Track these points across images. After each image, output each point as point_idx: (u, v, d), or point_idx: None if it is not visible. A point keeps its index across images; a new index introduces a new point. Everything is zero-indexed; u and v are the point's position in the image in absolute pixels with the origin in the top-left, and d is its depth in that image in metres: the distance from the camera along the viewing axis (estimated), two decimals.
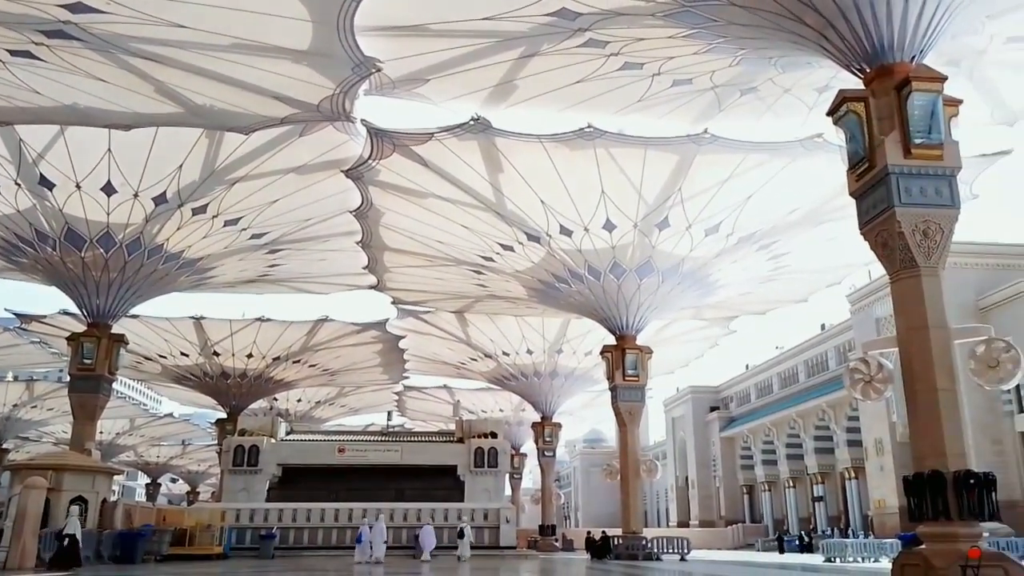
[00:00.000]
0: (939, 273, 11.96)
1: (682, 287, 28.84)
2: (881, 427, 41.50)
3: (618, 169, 22.76)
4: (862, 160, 12.70)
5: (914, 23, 12.69)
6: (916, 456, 11.47)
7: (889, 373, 13.22)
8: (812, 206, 25.01)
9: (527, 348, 41.98)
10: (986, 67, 18.35)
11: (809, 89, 19.26)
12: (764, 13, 14.17)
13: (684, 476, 74.96)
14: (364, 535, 27.22)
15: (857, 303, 45.61)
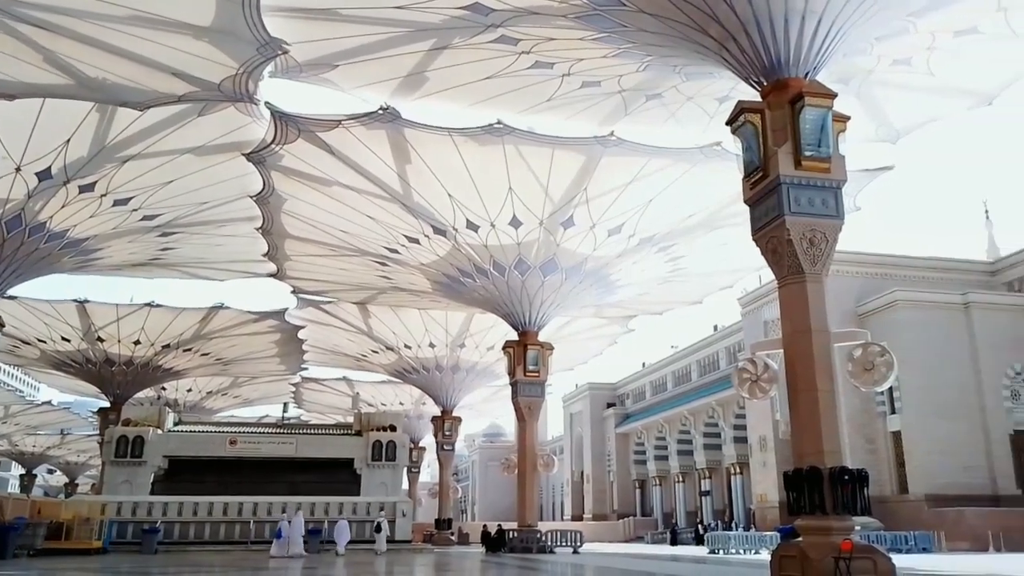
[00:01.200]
0: (823, 280, 12.63)
1: (584, 285, 29.38)
2: (766, 425, 43.51)
3: (526, 167, 22.95)
4: (757, 169, 13.25)
5: (808, 41, 13.34)
6: (796, 453, 12.09)
7: (774, 373, 13.86)
8: (709, 211, 25.92)
9: (430, 342, 41.81)
10: (873, 86, 19.49)
11: (710, 98, 19.95)
12: (671, 22, 14.58)
13: (580, 471, 76.50)
14: (283, 530, 26.80)
15: (747, 306, 47.60)
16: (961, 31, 17.08)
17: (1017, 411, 37.66)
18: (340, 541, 28.50)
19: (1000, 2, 16.13)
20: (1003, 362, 38.04)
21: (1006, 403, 37.57)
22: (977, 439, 36.79)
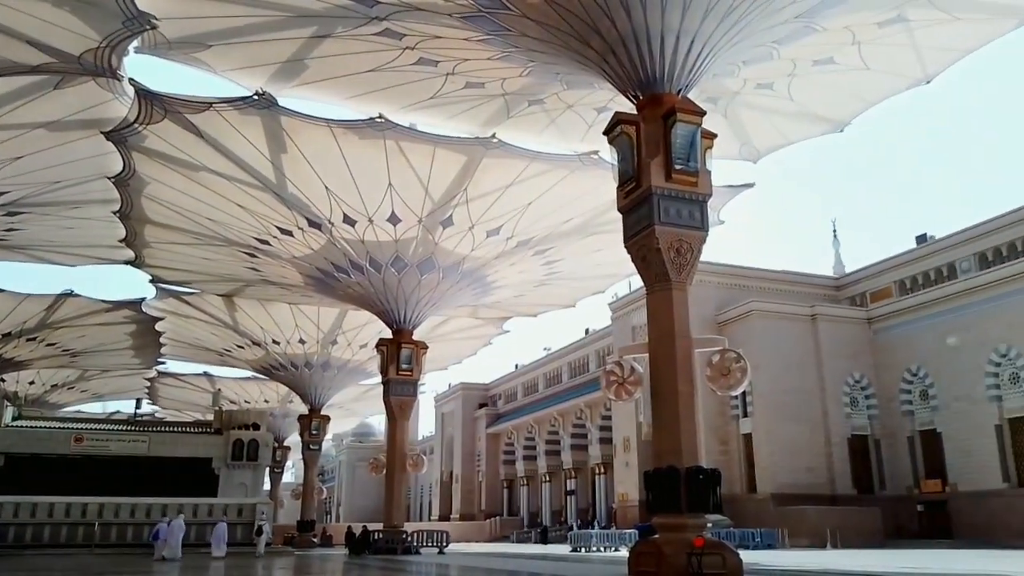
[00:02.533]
0: (687, 288, 13.24)
1: (461, 285, 29.44)
2: (630, 426, 45.02)
3: (407, 163, 22.75)
4: (631, 179, 13.72)
5: (682, 60, 13.96)
6: (656, 453, 12.60)
7: (640, 376, 14.39)
8: (585, 218, 26.59)
9: (300, 337, 40.64)
10: (738, 107, 20.61)
11: (590, 108, 20.49)
12: (555, 31, 14.87)
13: (449, 471, 76.52)
14: (162, 532, 25.74)
15: (618, 311, 49.12)
16: (819, 60, 18.36)
17: (855, 416, 40.76)
18: (218, 544, 27.47)
19: (855, 36, 17.45)
20: (844, 371, 41.08)
21: (845, 409, 40.59)
22: (819, 442, 39.54)
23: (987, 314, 35.58)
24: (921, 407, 39.04)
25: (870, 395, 41.17)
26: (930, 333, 38.33)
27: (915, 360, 39.30)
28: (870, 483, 39.87)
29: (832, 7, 15.60)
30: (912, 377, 39.58)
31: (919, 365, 39.10)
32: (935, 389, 38.15)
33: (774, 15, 14.84)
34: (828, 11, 15.76)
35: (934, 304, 38.64)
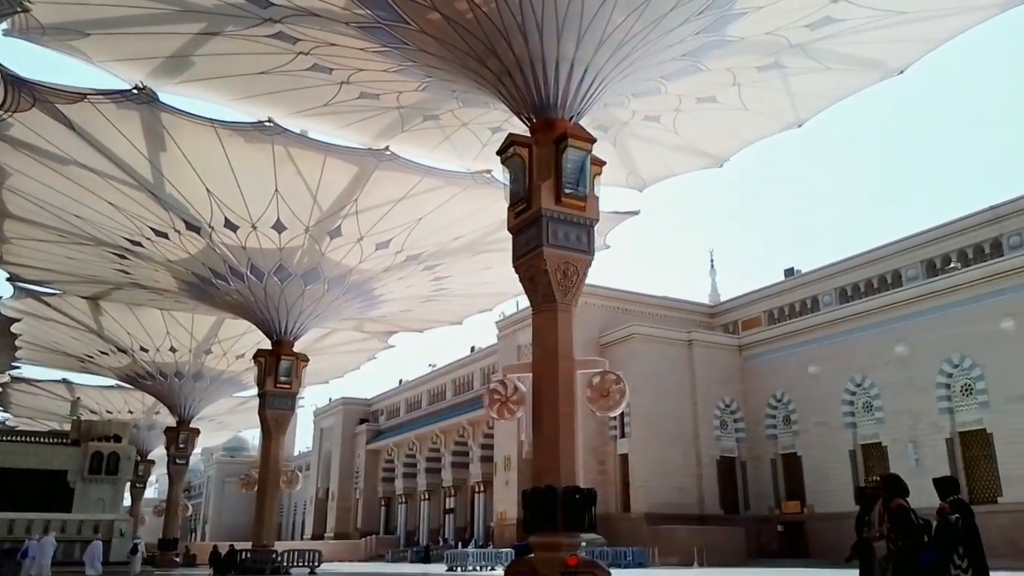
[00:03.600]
0: (572, 310, 13.50)
1: (347, 298, 28.86)
2: (511, 445, 45.31)
3: (295, 170, 22.17)
4: (521, 200, 13.91)
5: (575, 87, 14.32)
6: (536, 472, 12.72)
7: (523, 395, 14.51)
8: (475, 235, 26.70)
9: (171, 345, 38.65)
10: (627, 138, 21.30)
11: (485, 127, 20.65)
12: (453, 49, 14.94)
13: (326, 488, 74.50)
14: (31, 549, 24.01)
15: (504, 330, 49.48)
16: (703, 98, 19.25)
17: (724, 439, 42.59)
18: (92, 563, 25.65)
19: (736, 78, 18.40)
20: (716, 395, 42.90)
21: (716, 432, 42.36)
22: (691, 463, 41.03)
23: (845, 345, 38.06)
24: (784, 431, 41.22)
25: (739, 419, 43.12)
26: (794, 361, 40.62)
27: (780, 387, 41.51)
28: (736, 504, 41.65)
29: (716, 49, 16.41)
30: (777, 403, 41.77)
31: (783, 391, 41.32)
32: (797, 415, 40.39)
33: (663, 52, 15.46)
34: (712, 52, 16.57)
35: (799, 334, 41.00)
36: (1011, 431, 31.05)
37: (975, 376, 32.70)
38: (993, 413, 31.85)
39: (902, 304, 35.93)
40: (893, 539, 8.62)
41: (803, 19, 16.13)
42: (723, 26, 15.58)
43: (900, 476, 9.46)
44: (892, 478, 9.35)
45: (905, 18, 16.67)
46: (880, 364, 36.34)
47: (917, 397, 34.57)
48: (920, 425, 34.37)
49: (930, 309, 34.51)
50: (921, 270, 38.25)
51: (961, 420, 33.28)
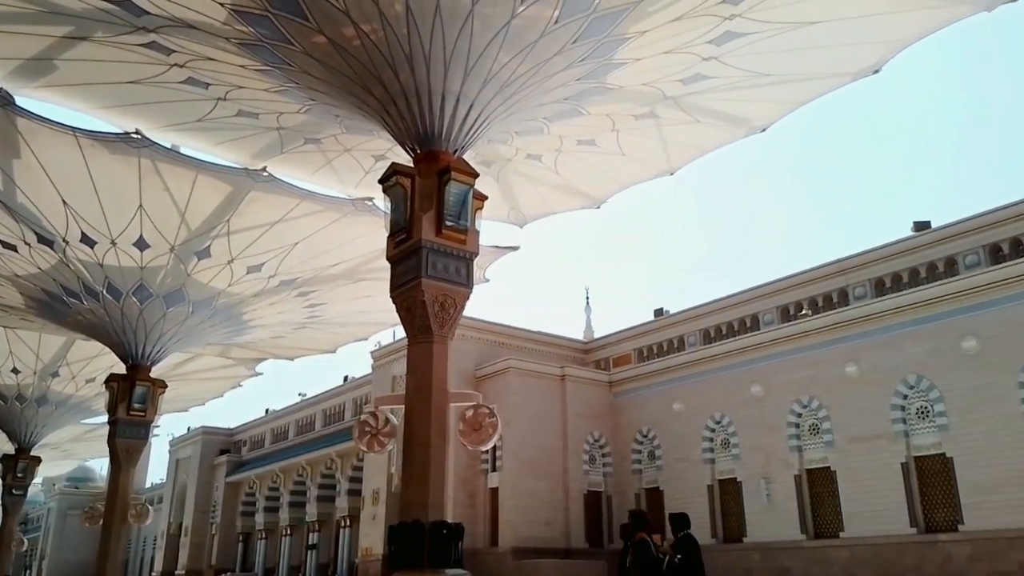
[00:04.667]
0: (448, 342, 13.48)
1: (213, 321, 27.55)
2: (380, 478, 44.42)
3: (162, 186, 21.07)
4: (402, 230, 13.84)
5: (460, 122, 14.48)
6: (404, 506, 12.51)
7: (394, 427, 14.30)
8: (353, 263, 26.24)
9: (13, 366, 35.54)
10: (510, 174, 21.67)
11: (368, 154, 20.46)
12: (338, 74, 14.77)
13: (179, 522, 70.18)
14: None
15: (379, 360, 48.72)
16: (583, 141, 19.90)
17: (592, 473, 43.45)
18: None
19: (615, 124, 19.15)
20: (586, 430, 43.80)
21: (584, 466, 43.16)
22: (559, 497, 41.54)
23: (707, 384, 39.89)
24: (648, 466, 42.53)
25: (607, 454, 44.15)
26: (660, 398, 42.14)
27: (647, 423, 42.90)
28: (601, 537, 42.46)
29: (597, 95, 17.06)
30: (643, 438, 43.11)
31: (650, 427, 42.71)
32: (661, 450, 41.81)
33: (546, 94, 15.91)
34: (593, 98, 17.20)
35: (665, 372, 42.64)
36: (852, 469, 33.38)
37: (822, 416, 35.01)
38: (837, 452, 34.15)
39: (759, 347, 38.13)
40: (636, 570, 9.21)
41: (677, 74, 17.04)
42: (604, 74, 16.22)
43: (644, 512, 10.16)
44: (637, 514, 10.03)
45: (769, 80, 17.94)
46: (737, 403, 38.29)
47: (770, 435, 36.61)
48: (772, 462, 36.37)
49: (783, 352, 36.79)
50: (776, 315, 40.74)
51: (808, 458, 35.46)
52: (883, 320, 33.53)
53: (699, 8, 14.71)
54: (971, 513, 29.49)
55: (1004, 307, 29.84)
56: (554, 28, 14.02)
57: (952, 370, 30.92)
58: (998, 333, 29.78)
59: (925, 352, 31.83)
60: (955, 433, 30.55)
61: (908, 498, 31.53)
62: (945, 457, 30.86)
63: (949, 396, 30.89)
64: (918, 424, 32.04)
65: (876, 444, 32.73)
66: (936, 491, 31.23)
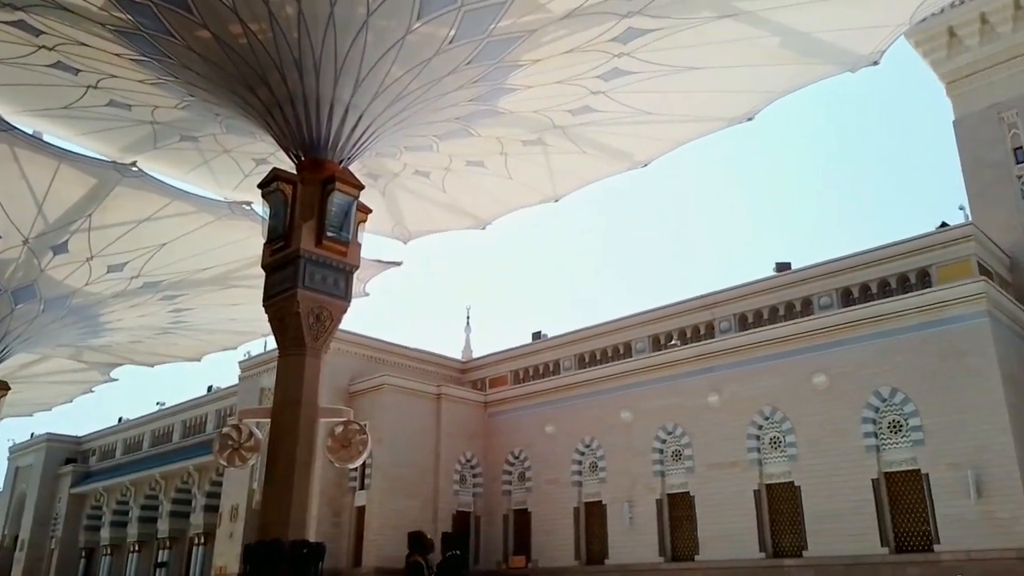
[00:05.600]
0: (321, 356, 13.13)
1: (67, 321, 25.70)
2: (240, 494, 42.62)
3: (20, 173, 19.54)
4: (280, 238, 13.42)
5: (348, 132, 14.26)
6: (263, 524, 12.03)
7: (258, 442, 13.74)
8: (225, 268, 25.21)
9: None
10: (396, 189, 21.49)
11: (248, 157, 19.76)
12: (221, 72, 14.24)
13: (14, 535, 64.64)
14: None
15: (248, 371, 46.92)
16: (472, 162, 20.03)
17: (462, 494, 43.36)
18: None
19: (504, 147, 19.40)
20: (459, 449, 43.74)
21: (455, 486, 43.04)
22: (427, 517, 41.15)
23: (579, 408, 40.77)
24: (518, 488, 42.90)
25: (478, 474, 44.21)
26: (534, 421, 42.68)
27: (519, 444, 43.31)
28: (466, 557, 42.34)
29: (488, 118, 17.24)
30: (515, 460, 43.47)
31: (522, 449, 43.14)
32: (532, 472, 42.29)
33: (438, 112, 15.94)
34: (484, 120, 17.38)
35: (540, 395, 43.27)
36: (709, 495, 34.89)
37: (684, 443, 36.46)
38: (696, 478, 35.62)
39: (630, 374, 39.37)
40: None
41: (566, 104, 17.48)
42: (496, 98, 16.43)
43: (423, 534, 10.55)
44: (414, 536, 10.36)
45: (651, 118, 18.69)
46: (607, 427, 39.33)
47: (635, 460, 37.78)
48: (636, 486, 37.51)
49: (652, 380, 38.16)
50: (648, 344, 42.22)
51: (670, 483, 36.81)
52: (744, 353, 35.39)
53: (591, 43, 15.18)
54: (815, 539, 31.41)
55: (851, 347, 32.16)
56: (449, 47, 14.10)
57: (803, 403, 32.97)
58: (845, 371, 32.04)
59: (780, 385, 33.81)
60: (803, 463, 32.52)
61: (759, 524, 33.23)
62: (793, 486, 32.78)
63: (799, 428, 32.90)
64: (771, 453, 33.91)
65: (732, 471, 34.39)
66: (784, 518, 33.08)
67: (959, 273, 32.04)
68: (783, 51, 16.46)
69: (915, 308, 31.07)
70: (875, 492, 30.42)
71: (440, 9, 13.09)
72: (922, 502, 29.60)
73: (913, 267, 34.26)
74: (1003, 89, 37.99)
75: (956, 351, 29.60)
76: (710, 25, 15.00)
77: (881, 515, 30.14)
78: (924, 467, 29.59)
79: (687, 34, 15.18)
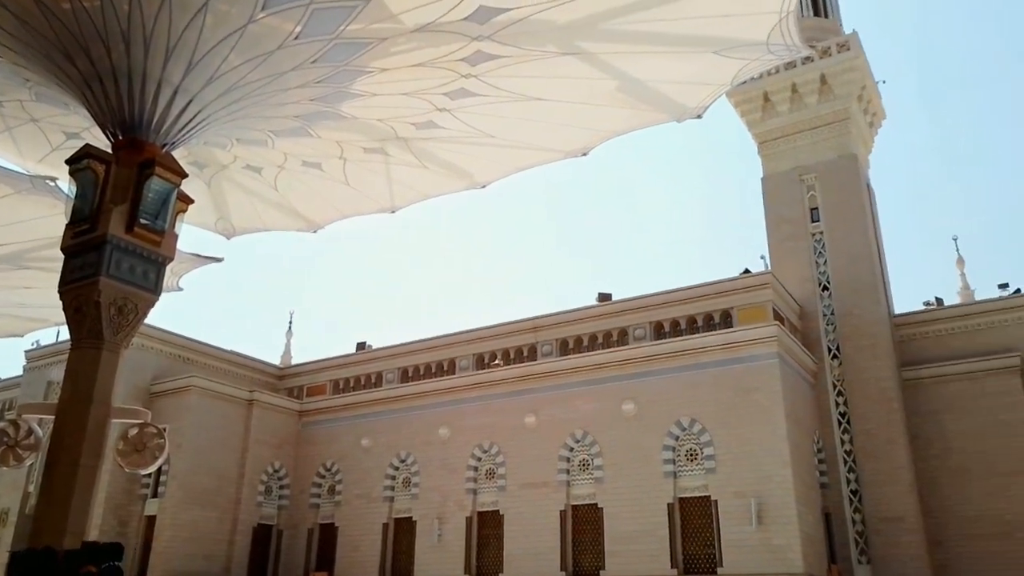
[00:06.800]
0: (121, 351, 12.17)
1: None
2: (13, 496, 38.56)
3: None
4: (85, 220, 12.36)
5: (173, 116, 13.42)
6: (36, 530, 10.93)
7: (38, 440, 12.51)
8: (19, 247, 22.83)
9: None
10: (224, 181, 20.45)
11: (59, 130, 18.09)
12: (38, 36, 12.98)
13: None
14: None
15: (35, 361, 42.70)
16: (309, 163, 19.48)
17: (266, 506, 41.53)
18: None
19: (343, 152, 19.03)
20: (267, 459, 41.94)
21: (259, 497, 41.15)
22: (226, 529, 39.07)
23: (398, 422, 40.44)
24: (327, 501, 41.76)
25: (285, 485, 42.59)
26: (350, 433, 41.81)
27: (332, 456, 42.22)
28: (265, 572, 40.58)
29: (329, 120, 16.87)
30: (326, 472, 42.31)
31: (335, 462, 42.07)
32: (343, 486, 41.33)
33: (277, 108, 15.40)
34: (326, 122, 16.99)
35: (359, 406, 42.50)
36: (518, 514, 35.67)
37: (499, 462, 37.09)
38: (508, 496, 36.32)
39: (452, 391, 39.65)
40: None
41: (411, 117, 17.47)
42: (339, 101, 16.12)
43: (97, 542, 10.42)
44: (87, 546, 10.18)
45: (493, 141, 19.08)
46: (425, 443, 39.27)
47: (449, 477, 37.95)
48: (448, 503, 37.66)
49: (473, 398, 38.62)
50: (472, 362, 42.70)
51: (481, 501, 37.26)
52: (563, 377, 36.67)
53: (440, 60, 15.29)
54: (612, 559, 32.89)
55: (660, 377, 34.22)
56: (294, 43, 13.67)
57: (612, 428, 34.60)
58: (652, 400, 34.02)
59: (593, 410, 35.30)
60: (608, 486, 34.06)
61: (562, 543, 34.35)
62: (597, 507, 34.22)
63: (607, 451, 34.46)
64: (579, 475, 35.24)
65: (542, 491, 35.38)
66: (587, 538, 34.42)
67: (756, 317, 35.03)
68: (619, 94, 17.38)
69: (716, 345, 33.60)
70: (669, 516, 32.37)
71: (287, 2, 12.70)
72: (710, 527, 31.84)
73: (717, 308, 37.06)
74: (806, 154, 42.16)
75: (748, 387, 32.27)
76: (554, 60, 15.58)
77: (673, 538, 32.10)
78: (714, 494, 31.88)
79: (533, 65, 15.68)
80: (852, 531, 35.00)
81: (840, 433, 36.62)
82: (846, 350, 37.77)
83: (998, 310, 38.13)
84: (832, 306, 39.00)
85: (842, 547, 34.73)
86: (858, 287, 38.56)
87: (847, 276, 38.95)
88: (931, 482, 35.90)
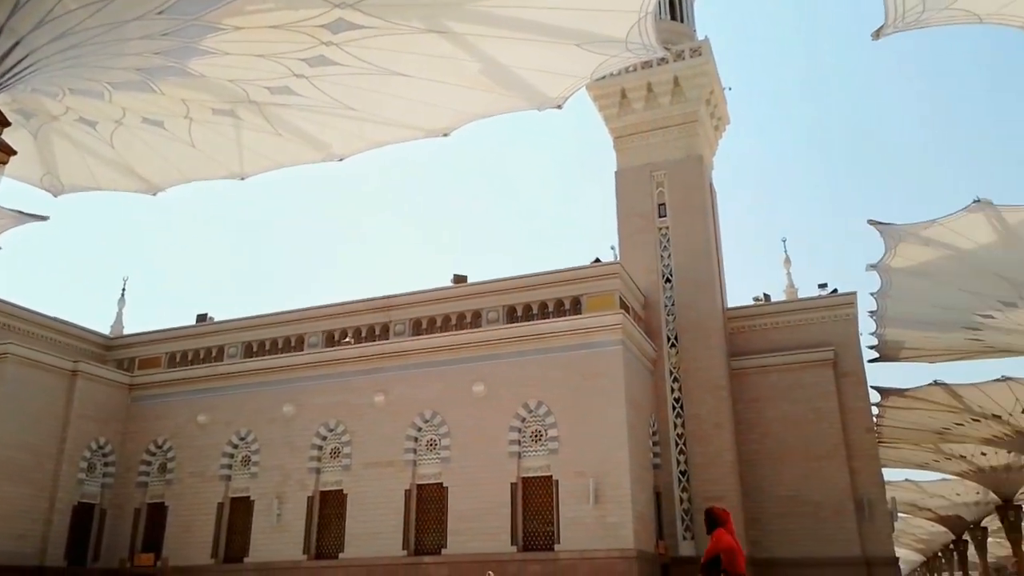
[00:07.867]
0: None
1: None
2: None
3: None
4: None
5: None
6: None
7: None
8: None
9: None
10: (53, 134, 18.84)
11: None
12: None
13: None
14: None
15: None
16: (150, 120, 18.30)
17: (88, 484, 38.82)
18: None
19: (189, 111, 18.00)
20: (91, 434, 39.16)
21: (81, 475, 38.39)
22: (42, 508, 36.21)
23: (240, 399, 38.89)
24: (157, 480, 39.64)
25: (110, 463, 40.04)
26: (186, 409, 39.78)
27: (164, 433, 40.06)
28: (85, 555, 38.05)
29: (175, 76, 15.90)
30: (156, 449, 40.12)
31: (167, 438, 39.94)
32: (175, 463, 39.34)
33: (116, 58, 14.33)
34: (170, 78, 16.00)
35: (197, 381, 40.48)
36: (362, 493, 35.38)
37: (344, 441, 36.57)
38: (352, 476, 35.90)
39: (299, 367, 38.59)
40: None
41: (266, 81, 16.78)
42: (187, 57, 15.22)
43: None
44: None
45: (353, 114, 18.68)
46: (267, 421, 38.03)
47: (292, 456, 37.01)
48: (289, 482, 36.73)
49: (321, 376, 37.83)
50: (322, 339, 41.66)
51: (324, 480, 36.62)
52: (414, 357, 36.58)
53: (299, 24, 14.75)
54: (454, 538, 33.30)
55: (510, 360, 34.87)
56: None
57: (462, 409, 34.93)
58: (501, 382, 34.62)
59: (443, 390, 35.46)
60: (454, 466, 34.40)
61: (406, 522, 34.39)
62: (442, 487, 34.49)
63: (455, 432, 34.77)
64: (425, 455, 35.35)
65: (387, 471, 35.20)
66: (430, 517, 34.63)
67: (604, 304, 36.38)
68: (482, 78, 17.49)
69: (565, 331, 34.63)
70: (512, 495, 33.15)
71: None
72: (550, 506, 32.90)
73: (568, 294, 38.15)
74: (657, 151, 44.07)
75: (593, 372, 33.52)
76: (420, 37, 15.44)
77: (515, 516, 32.92)
78: (556, 474, 32.94)
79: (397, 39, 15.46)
80: (679, 509, 37.27)
81: (674, 417, 38.81)
82: (683, 340, 40.01)
83: (817, 308, 41.67)
84: (673, 298, 41.12)
85: (669, 524, 36.91)
86: (697, 281, 40.88)
87: (688, 270, 41.19)
88: (750, 464, 38.81)
